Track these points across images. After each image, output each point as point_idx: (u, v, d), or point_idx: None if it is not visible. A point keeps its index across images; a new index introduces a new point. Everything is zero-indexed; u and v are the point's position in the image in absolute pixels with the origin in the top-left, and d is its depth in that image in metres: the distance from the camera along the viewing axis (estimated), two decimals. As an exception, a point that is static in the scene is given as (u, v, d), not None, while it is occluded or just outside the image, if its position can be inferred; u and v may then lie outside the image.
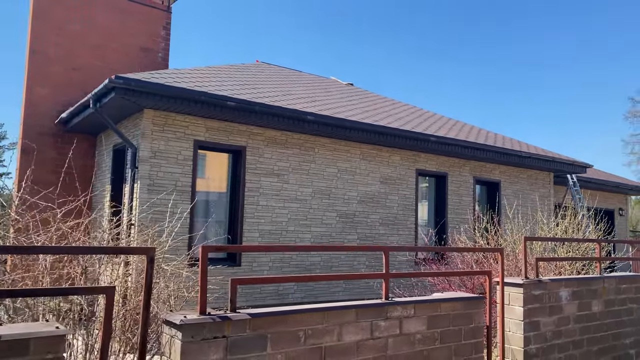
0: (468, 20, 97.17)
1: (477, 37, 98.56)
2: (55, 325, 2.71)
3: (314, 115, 10.25)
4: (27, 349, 2.56)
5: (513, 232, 8.20)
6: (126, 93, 8.38)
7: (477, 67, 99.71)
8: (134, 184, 9.17)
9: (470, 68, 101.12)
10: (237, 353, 3.25)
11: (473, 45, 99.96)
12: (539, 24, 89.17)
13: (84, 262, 3.81)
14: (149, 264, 2.98)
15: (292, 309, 3.59)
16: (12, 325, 2.75)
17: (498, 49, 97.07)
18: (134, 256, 4.57)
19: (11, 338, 2.52)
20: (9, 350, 2.51)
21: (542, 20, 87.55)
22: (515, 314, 5.15)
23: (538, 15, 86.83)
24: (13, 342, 2.52)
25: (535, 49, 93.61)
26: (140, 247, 3.10)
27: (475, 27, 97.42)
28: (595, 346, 5.89)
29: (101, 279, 3.98)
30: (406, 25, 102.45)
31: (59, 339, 2.66)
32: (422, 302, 4.27)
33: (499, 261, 5.09)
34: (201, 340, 3.11)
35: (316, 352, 3.61)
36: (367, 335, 3.89)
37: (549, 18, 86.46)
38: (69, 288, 3.37)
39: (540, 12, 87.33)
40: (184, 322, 3.05)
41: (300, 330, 3.54)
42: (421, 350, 4.21)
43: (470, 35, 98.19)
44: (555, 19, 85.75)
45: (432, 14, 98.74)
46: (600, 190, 20.20)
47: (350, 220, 11.60)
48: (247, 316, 3.30)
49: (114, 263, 4.43)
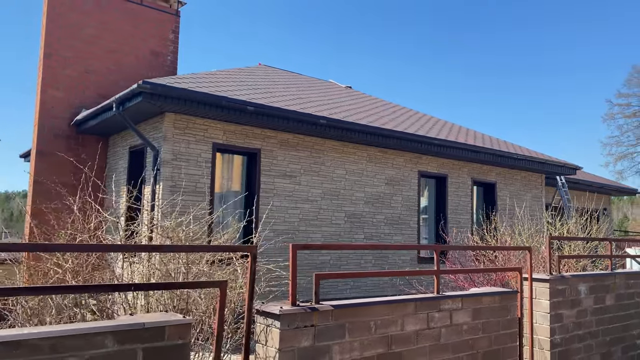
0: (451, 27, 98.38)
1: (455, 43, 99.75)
2: (182, 315, 3.07)
3: (326, 119, 10.64)
4: (163, 334, 2.91)
5: (521, 232, 8.69)
6: (152, 98, 8.67)
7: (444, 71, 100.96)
8: (156, 185, 9.45)
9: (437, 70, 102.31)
10: (322, 340, 3.63)
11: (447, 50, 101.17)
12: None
13: (187, 260, 4.15)
14: (253, 260, 3.35)
15: (365, 301, 3.99)
16: (147, 315, 3.09)
17: (471, 55, 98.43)
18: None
19: (152, 325, 2.87)
20: (150, 336, 2.86)
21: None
22: (542, 307, 5.61)
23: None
24: (153, 329, 2.87)
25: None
26: (245, 245, 3.44)
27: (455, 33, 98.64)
28: (609, 337, 6.40)
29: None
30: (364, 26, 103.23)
31: (187, 326, 3.02)
32: (467, 296, 4.70)
33: (527, 259, 5.56)
34: (295, 328, 3.49)
35: (384, 340, 4.01)
36: (424, 326, 4.30)
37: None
38: (191, 282, 3.71)
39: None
40: (282, 312, 3.42)
41: (371, 321, 3.93)
42: (467, 339, 4.64)
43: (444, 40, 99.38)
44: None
45: (414, 22, 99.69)
46: (585, 191, 20.97)
47: (358, 220, 12.02)
48: (331, 307, 3.68)
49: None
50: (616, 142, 52.27)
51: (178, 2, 13.52)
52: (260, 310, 3.57)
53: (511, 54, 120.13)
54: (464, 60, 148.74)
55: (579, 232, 8.98)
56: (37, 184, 11.22)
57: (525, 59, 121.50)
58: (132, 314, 3.32)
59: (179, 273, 4.00)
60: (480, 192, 15.38)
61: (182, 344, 2.98)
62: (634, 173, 51.26)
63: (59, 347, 2.56)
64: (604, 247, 9.21)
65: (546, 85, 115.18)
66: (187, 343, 3.01)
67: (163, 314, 3.19)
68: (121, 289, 3.52)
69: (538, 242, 8.61)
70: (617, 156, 51.92)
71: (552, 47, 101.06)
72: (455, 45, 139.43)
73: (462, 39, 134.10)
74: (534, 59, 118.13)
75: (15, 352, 2.44)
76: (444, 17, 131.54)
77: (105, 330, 2.71)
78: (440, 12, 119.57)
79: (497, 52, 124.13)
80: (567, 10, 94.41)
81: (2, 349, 2.41)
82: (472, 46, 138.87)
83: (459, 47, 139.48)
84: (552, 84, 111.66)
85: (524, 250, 5.63)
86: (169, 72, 13.18)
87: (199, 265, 4.09)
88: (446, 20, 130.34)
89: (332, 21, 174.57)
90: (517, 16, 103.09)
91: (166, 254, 4.10)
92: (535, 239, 8.43)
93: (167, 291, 3.94)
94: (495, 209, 14.92)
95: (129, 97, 8.96)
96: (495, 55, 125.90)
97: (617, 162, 51.87)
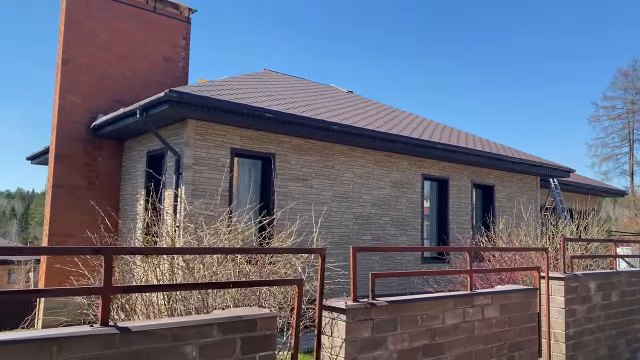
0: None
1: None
2: (269, 309, 3.50)
3: (338, 125, 11.10)
4: (255, 326, 3.35)
5: (527, 233, 9.21)
6: (178, 105, 9.05)
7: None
8: (178, 189, 9.83)
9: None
10: (379, 332, 4.08)
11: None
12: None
13: (264, 260, 4.58)
14: (322, 260, 3.80)
15: (414, 297, 4.45)
16: (239, 309, 3.52)
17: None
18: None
19: (248, 318, 3.31)
20: (246, 327, 3.30)
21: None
22: (557, 303, 6.12)
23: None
24: (249, 321, 3.31)
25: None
26: (315, 247, 3.86)
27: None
28: (614, 330, 6.93)
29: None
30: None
31: (273, 319, 3.46)
32: (496, 293, 5.19)
33: (544, 258, 6.06)
34: (357, 321, 3.94)
35: (428, 333, 4.47)
36: (461, 320, 4.78)
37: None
38: (273, 280, 4.16)
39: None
40: (348, 307, 3.87)
41: (417, 315, 4.40)
42: (496, 332, 5.12)
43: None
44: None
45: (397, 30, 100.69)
46: (576, 193, 21.69)
47: (365, 222, 12.50)
48: (386, 303, 4.14)
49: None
50: (601, 144, 53.53)
51: (189, 9, 13.88)
52: (326, 305, 4.01)
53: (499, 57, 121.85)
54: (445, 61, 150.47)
55: (581, 234, 9.53)
56: (56, 187, 11.54)
57: (509, 62, 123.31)
58: (223, 309, 3.74)
59: (254, 273, 4.43)
60: (479, 194, 15.94)
61: (270, 334, 3.42)
62: (619, 174, 52.46)
63: (180, 335, 2.99)
64: (605, 247, 9.77)
65: (532, 87, 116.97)
66: (274, 333, 3.45)
67: (254, 308, 3.62)
68: (221, 287, 3.95)
69: (543, 243, 9.14)
70: (602, 157, 53.19)
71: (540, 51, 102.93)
72: (449, 45, 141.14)
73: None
74: (521, 62, 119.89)
75: (148, 339, 2.86)
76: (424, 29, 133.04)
77: (214, 322, 3.14)
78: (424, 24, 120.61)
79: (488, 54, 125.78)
80: (556, 18, 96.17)
81: (140, 337, 2.83)
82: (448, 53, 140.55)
83: (452, 47, 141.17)
84: (539, 85, 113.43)
85: (540, 251, 6.11)
86: (181, 78, 13.54)
87: (254, 267, 4.53)
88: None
89: (321, 22, 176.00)
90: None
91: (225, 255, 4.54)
92: (543, 240, 8.96)
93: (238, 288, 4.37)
94: (493, 211, 15.50)
95: (154, 104, 9.32)
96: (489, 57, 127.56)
97: (603, 163, 53.11)
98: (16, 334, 2.56)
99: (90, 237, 12.54)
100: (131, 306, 4.16)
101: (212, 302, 4.62)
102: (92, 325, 2.76)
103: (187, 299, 4.20)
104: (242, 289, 4.26)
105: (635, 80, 51.82)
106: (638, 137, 52.22)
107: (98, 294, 2.86)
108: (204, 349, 3.08)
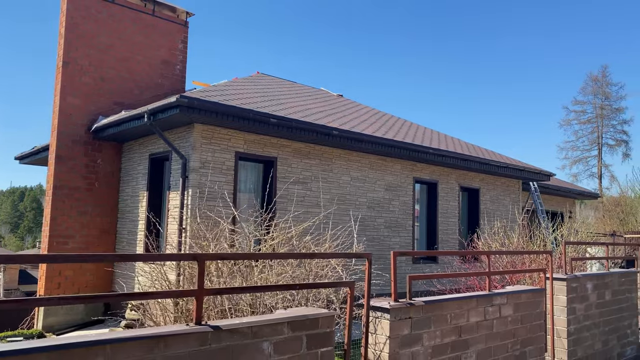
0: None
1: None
2: (326, 309, 3.83)
3: (338, 130, 11.46)
4: (317, 324, 3.67)
5: (520, 235, 9.73)
6: (188, 110, 9.28)
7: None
8: (184, 191, 10.05)
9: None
10: (416, 329, 4.45)
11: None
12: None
13: (314, 265, 4.89)
14: (369, 264, 4.15)
15: (445, 297, 4.83)
16: (301, 309, 3.84)
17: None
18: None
19: (312, 317, 3.63)
20: (310, 325, 3.62)
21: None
22: (560, 302, 6.59)
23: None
24: (312, 320, 3.63)
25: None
26: (362, 252, 4.20)
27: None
28: (607, 327, 7.45)
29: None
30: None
31: (332, 318, 3.79)
32: (511, 293, 5.61)
33: (549, 260, 6.53)
34: (399, 319, 4.30)
35: (456, 330, 4.86)
36: (482, 318, 5.18)
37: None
38: (328, 283, 4.47)
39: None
40: (392, 307, 4.22)
41: (447, 314, 4.78)
42: (511, 329, 5.55)
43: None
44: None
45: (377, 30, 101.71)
46: (554, 195, 22.54)
47: (361, 224, 12.86)
48: (422, 303, 4.51)
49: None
50: (572, 147, 55.18)
51: (186, 12, 14.05)
52: (371, 305, 4.35)
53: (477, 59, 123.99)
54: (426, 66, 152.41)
55: (571, 237, 10.10)
56: (56, 188, 11.61)
57: (482, 63, 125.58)
58: (285, 309, 4.05)
59: (304, 275, 4.74)
60: (465, 197, 16.50)
61: (330, 332, 3.75)
62: (588, 176, 54.08)
63: (258, 333, 3.30)
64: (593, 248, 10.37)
65: (503, 91, 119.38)
66: (333, 331, 3.79)
67: (314, 309, 3.94)
68: (290, 288, 4.25)
69: (534, 245, 9.66)
70: (572, 160, 54.84)
71: (511, 54, 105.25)
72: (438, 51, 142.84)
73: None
74: (494, 63, 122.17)
75: (234, 336, 3.16)
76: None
77: (285, 321, 3.46)
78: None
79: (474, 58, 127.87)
80: (526, 21, 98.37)
81: (228, 334, 3.13)
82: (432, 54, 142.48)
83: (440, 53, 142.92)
84: (510, 89, 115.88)
85: (545, 253, 6.58)
86: (178, 80, 13.72)
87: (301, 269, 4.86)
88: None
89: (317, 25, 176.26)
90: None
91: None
92: (534, 242, 9.48)
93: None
94: (478, 213, 16.08)
95: (163, 108, 9.53)
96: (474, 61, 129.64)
97: (573, 165, 54.73)
98: (127, 333, 2.84)
99: (90, 237, 12.62)
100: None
101: (260, 301, 4.94)
102: (188, 324, 3.06)
103: (236, 300, 4.50)
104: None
105: (605, 86, 53.57)
106: (606, 141, 53.97)
107: (192, 296, 3.15)
108: (277, 345, 3.40)
